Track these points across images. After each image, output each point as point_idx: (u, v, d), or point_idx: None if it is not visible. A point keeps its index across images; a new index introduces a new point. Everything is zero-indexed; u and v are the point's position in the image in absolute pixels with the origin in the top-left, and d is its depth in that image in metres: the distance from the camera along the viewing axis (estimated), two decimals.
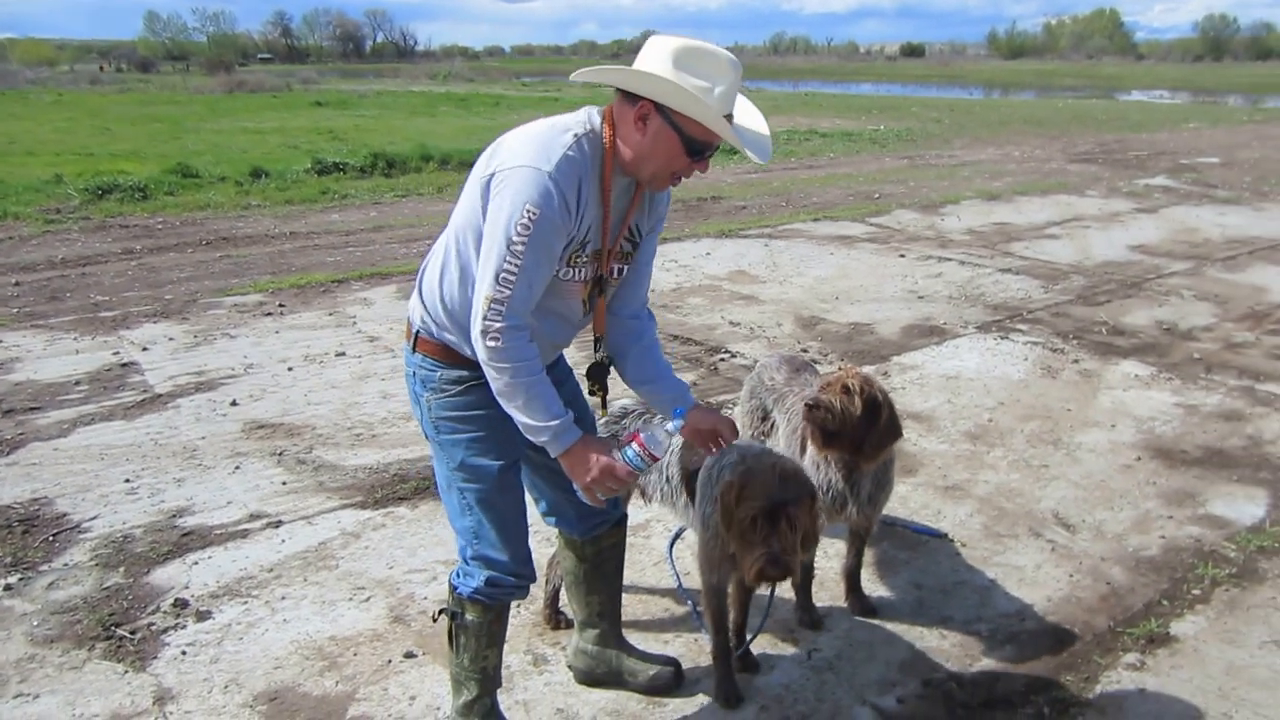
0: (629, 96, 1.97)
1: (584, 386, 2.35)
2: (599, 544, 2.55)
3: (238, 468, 4.06)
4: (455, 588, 2.29)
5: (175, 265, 7.77)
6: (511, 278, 1.90)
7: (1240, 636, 2.93)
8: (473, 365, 2.07)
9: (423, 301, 2.15)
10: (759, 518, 2.15)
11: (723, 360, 5.51)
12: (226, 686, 2.66)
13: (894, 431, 2.74)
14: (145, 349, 5.62)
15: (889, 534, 3.53)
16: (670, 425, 2.18)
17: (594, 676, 2.68)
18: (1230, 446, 4.36)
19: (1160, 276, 7.67)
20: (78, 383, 5.06)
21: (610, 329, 2.27)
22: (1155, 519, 3.67)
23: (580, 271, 2.08)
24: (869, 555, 3.28)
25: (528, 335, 1.97)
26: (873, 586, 3.19)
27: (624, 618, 2.77)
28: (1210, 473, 4.09)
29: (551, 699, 2.63)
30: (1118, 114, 28.07)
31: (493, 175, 1.95)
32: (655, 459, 2.11)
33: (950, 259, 8.19)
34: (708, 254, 8.30)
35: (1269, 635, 2.93)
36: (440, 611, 2.34)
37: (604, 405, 2.45)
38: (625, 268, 2.20)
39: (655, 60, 1.94)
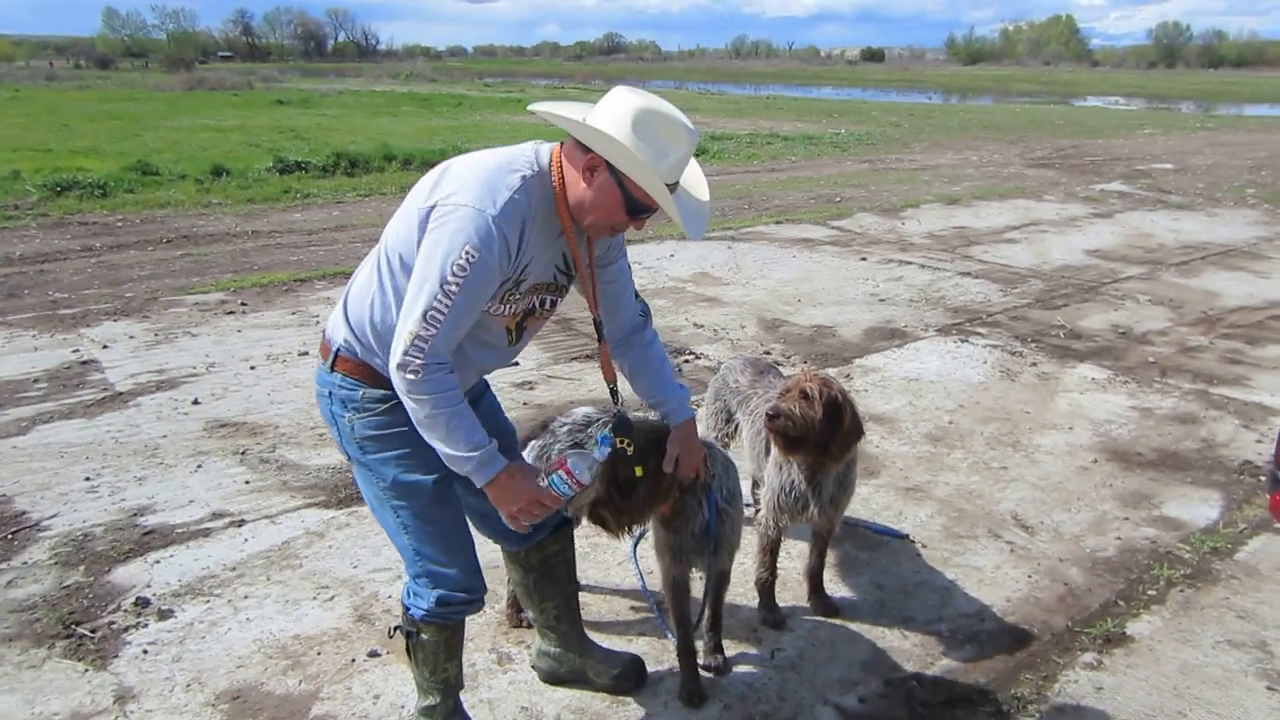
0: (581, 144, 1.98)
1: (613, 440, 2.22)
2: (544, 551, 2.53)
3: (200, 466, 4.04)
4: (408, 608, 2.26)
5: (136, 263, 7.67)
6: (440, 317, 1.88)
7: (1194, 636, 2.99)
8: (391, 386, 2.03)
9: (349, 322, 2.09)
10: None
11: (687, 362, 5.57)
12: (189, 685, 2.66)
13: (857, 432, 2.76)
14: (105, 347, 5.55)
15: (851, 535, 3.57)
16: (597, 452, 2.15)
17: (558, 677, 2.69)
18: (1184, 449, 4.45)
19: (1116, 281, 7.84)
20: (36, 380, 4.99)
21: (618, 359, 2.32)
22: (1111, 520, 3.75)
23: (510, 306, 2.08)
24: (831, 556, 3.32)
25: (448, 367, 1.95)
26: (835, 587, 3.23)
27: (589, 617, 2.81)
28: (1165, 475, 4.17)
29: (516, 697, 2.66)
30: (1074, 120, 28.67)
31: (434, 207, 1.92)
32: (583, 486, 2.09)
33: (911, 262, 8.32)
34: (671, 256, 8.37)
35: (1222, 635, 3.00)
36: (395, 629, 2.32)
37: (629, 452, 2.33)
38: (556, 299, 2.20)
39: (615, 117, 1.94)
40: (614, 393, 2.30)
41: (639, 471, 2.27)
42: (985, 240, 9.43)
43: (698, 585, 2.75)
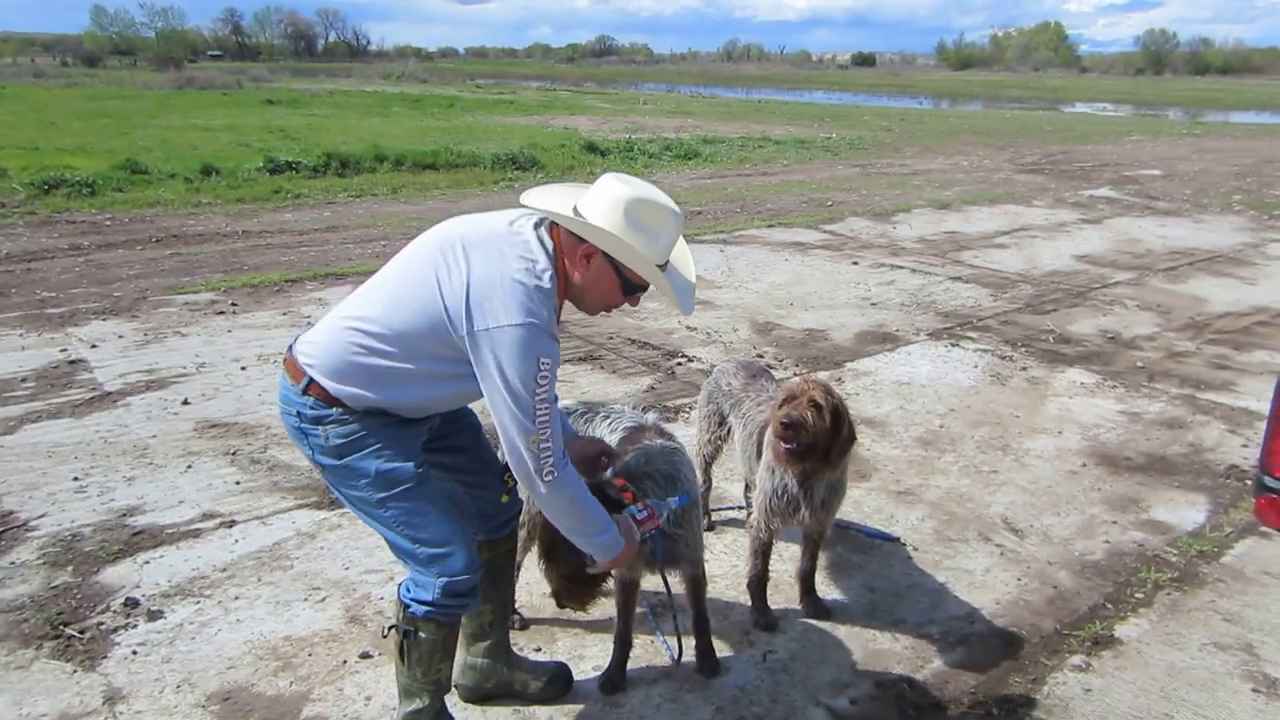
0: (574, 233, 2.11)
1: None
2: (495, 549, 2.55)
3: (190, 467, 4.02)
4: (407, 605, 2.25)
5: (124, 262, 7.63)
6: (546, 418, 2.03)
7: (1181, 639, 3.01)
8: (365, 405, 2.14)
9: (329, 359, 2.11)
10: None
11: (679, 364, 5.58)
12: (179, 686, 2.65)
13: (852, 438, 2.80)
14: (94, 346, 5.52)
15: (842, 537, 3.59)
16: (674, 501, 2.41)
17: (483, 691, 2.65)
18: (1172, 454, 4.48)
19: (1105, 286, 7.89)
20: (24, 380, 4.95)
21: None
22: (1100, 524, 3.77)
23: None
24: (823, 559, 3.34)
25: (568, 460, 2.12)
26: (827, 589, 3.25)
27: (587, 617, 2.75)
28: (1153, 479, 4.20)
29: (509, 699, 2.64)
30: (1063, 125, 28.86)
31: (484, 331, 2.00)
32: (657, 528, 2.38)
33: (902, 267, 8.36)
34: None
35: (1208, 637, 3.02)
36: (391, 628, 2.30)
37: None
38: None
39: (607, 208, 2.08)
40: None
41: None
42: (975, 245, 9.49)
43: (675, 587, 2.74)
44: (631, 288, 2.18)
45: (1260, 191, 14.22)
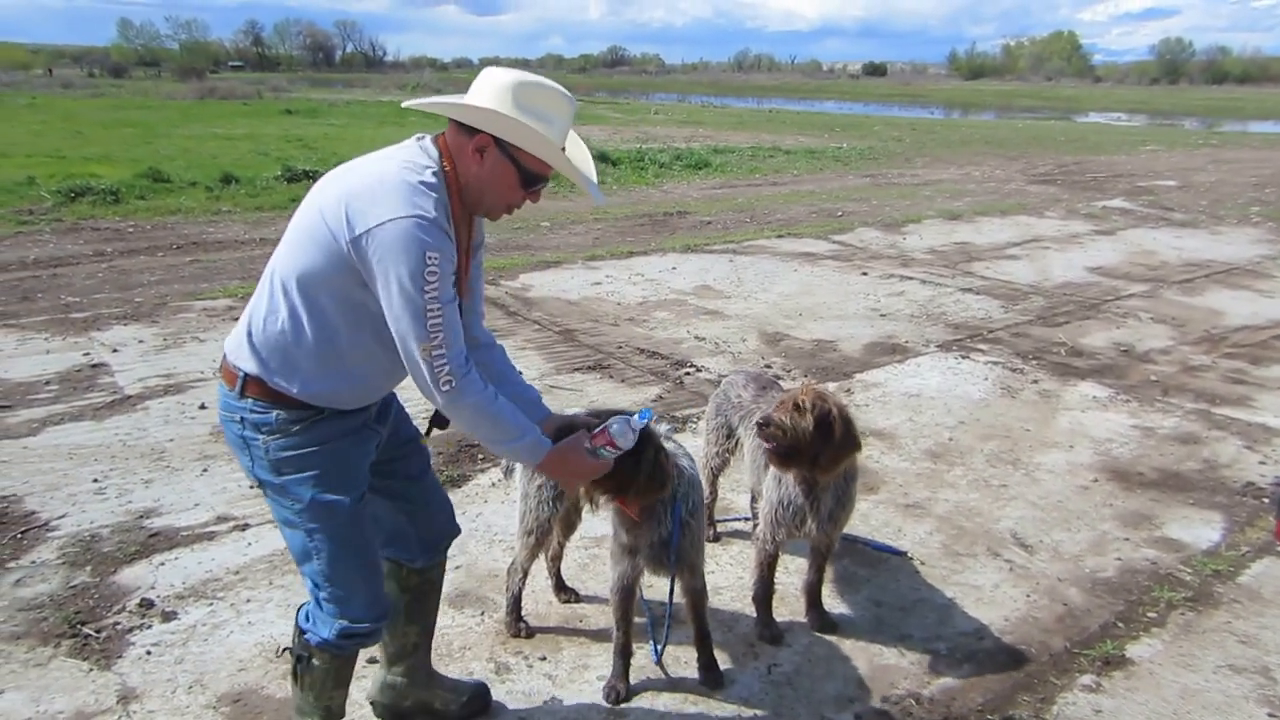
0: (465, 128, 2.00)
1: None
2: (425, 574, 2.49)
3: (206, 470, 4.09)
4: (304, 632, 2.22)
5: (146, 268, 7.76)
6: (439, 323, 1.90)
7: (1195, 660, 2.96)
8: (306, 406, 2.04)
9: (255, 350, 2.04)
10: None
11: (688, 375, 5.60)
12: (190, 687, 2.70)
13: (849, 444, 2.74)
14: (115, 350, 5.62)
15: (849, 551, 3.56)
16: (636, 420, 2.26)
17: (400, 710, 2.59)
18: (1186, 470, 4.42)
19: (1118, 298, 7.83)
20: (48, 382, 5.06)
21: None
22: (1112, 541, 3.72)
23: None
24: (830, 572, 3.32)
25: (470, 365, 1.99)
26: (833, 603, 3.23)
27: (590, 627, 2.84)
28: (1166, 495, 4.14)
29: (513, 708, 2.67)
30: (1076, 135, 28.68)
31: (362, 235, 1.89)
32: (622, 450, 2.24)
33: (912, 278, 8.35)
34: (674, 269, 8.42)
35: (1223, 659, 2.97)
36: (285, 649, 2.27)
37: (429, 434, 2.40)
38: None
39: (494, 95, 1.98)
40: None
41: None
42: (987, 256, 9.46)
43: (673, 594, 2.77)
44: (531, 180, 2.05)
45: (1279, 203, 14.10)
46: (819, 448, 2.70)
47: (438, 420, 2.28)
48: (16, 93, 33.99)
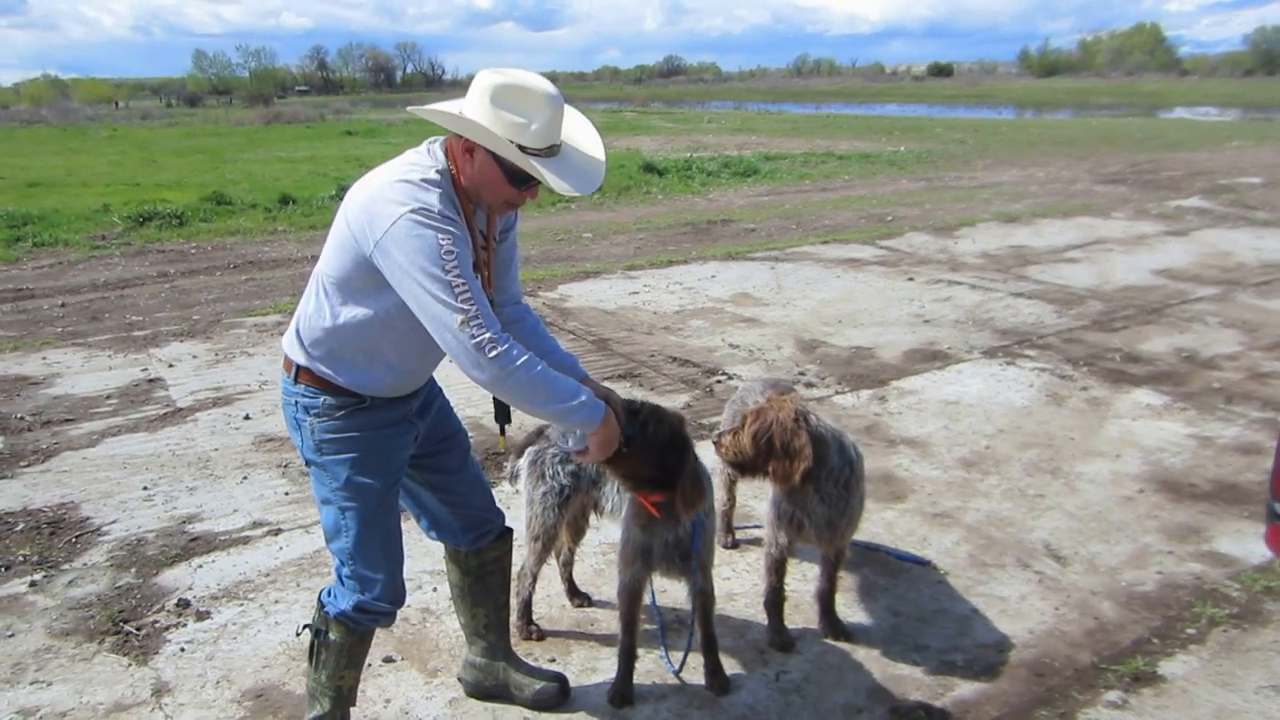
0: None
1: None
2: (482, 556, 2.62)
3: (245, 478, 4.29)
4: (323, 605, 2.37)
5: (204, 288, 8.15)
6: (468, 294, 1.97)
7: (1235, 680, 2.83)
8: (349, 393, 2.21)
9: (305, 345, 2.22)
10: None
11: (719, 382, 5.61)
12: (218, 682, 2.85)
13: (792, 456, 2.72)
14: (171, 366, 5.92)
15: (870, 560, 3.52)
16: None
17: (483, 689, 2.75)
18: (1245, 481, 4.20)
19: (1185, 302, 7.49)
20: (109, 397, 5.36)
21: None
22: (1154, 554, 3.58)
23: None
24: (849, 580, 3.29)
25: (509, 336, 2.04)
26: (849, 611, 3.20)
27: (603, 632, 2.87)
28: (1219, 508, 3.95)
29: (518, 708, 2.72)
30: (1154, 132, 27.54)
31: (380, 243, 2.00)
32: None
33: (961, 283, 8.19)
34: (713, 276, 8.43)
35: (1267, 680, 2.83)
36: (305, 627, 2.43)
37: (503, 432, 2.56)
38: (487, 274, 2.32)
39: (475, 98, 2.07)
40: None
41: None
42: (1043, 260, 9.19)
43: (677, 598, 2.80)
44: (519, 178, 2.09)
45: None
46: (763, 461, 2.76)
47: (503, 416, 2.44)
48: (100, 125, 35.97)
